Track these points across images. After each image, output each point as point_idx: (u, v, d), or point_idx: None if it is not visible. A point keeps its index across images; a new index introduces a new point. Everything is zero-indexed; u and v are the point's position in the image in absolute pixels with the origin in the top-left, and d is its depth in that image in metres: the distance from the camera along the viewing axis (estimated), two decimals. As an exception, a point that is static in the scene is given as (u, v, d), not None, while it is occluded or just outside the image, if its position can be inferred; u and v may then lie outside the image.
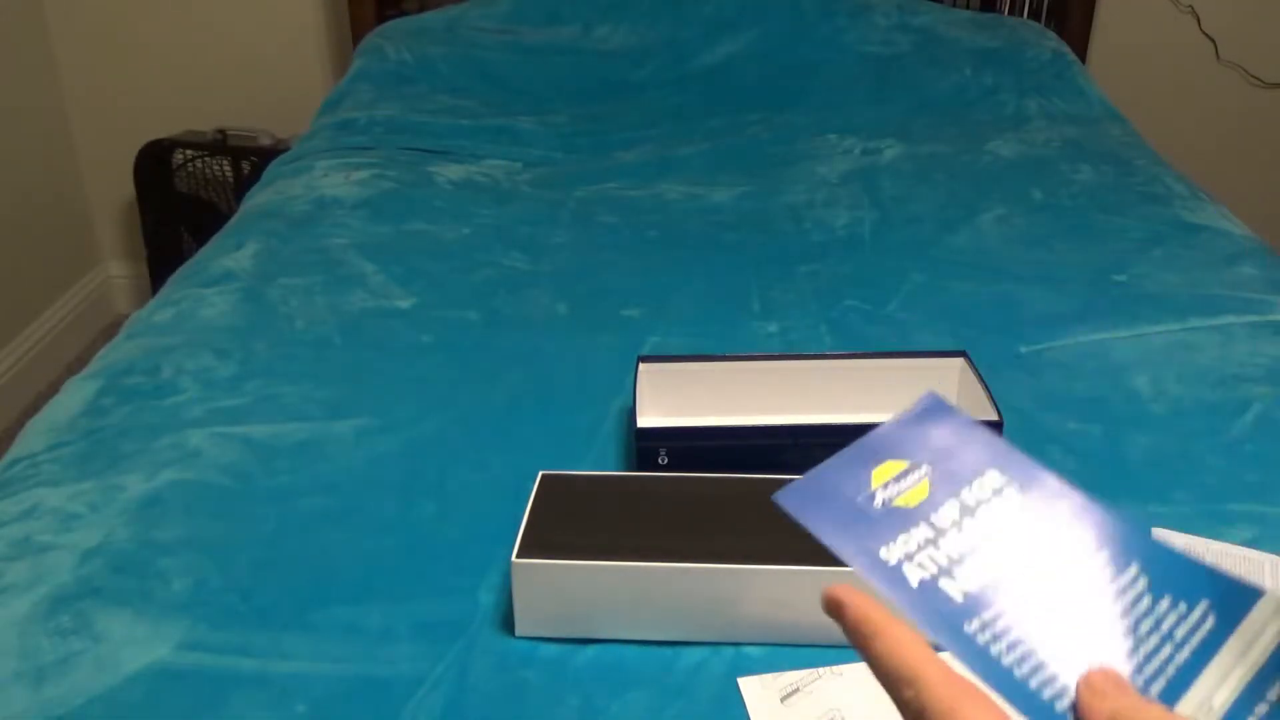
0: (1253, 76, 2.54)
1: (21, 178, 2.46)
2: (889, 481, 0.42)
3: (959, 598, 0.39)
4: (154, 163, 2.45)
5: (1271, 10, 2.49)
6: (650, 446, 0.97)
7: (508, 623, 0.83)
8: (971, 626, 0.38)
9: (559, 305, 1.34)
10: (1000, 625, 0.38)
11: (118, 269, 2.78)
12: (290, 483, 1.00)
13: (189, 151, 2.43)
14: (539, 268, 1.44)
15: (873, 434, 0.44)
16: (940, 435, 0.44)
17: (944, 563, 0.39)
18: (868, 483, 0.42)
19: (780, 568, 0.80)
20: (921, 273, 1.41)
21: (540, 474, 0.90)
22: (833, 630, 0.81)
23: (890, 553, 0.40)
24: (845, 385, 1.07)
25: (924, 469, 0.42)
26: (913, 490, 0.42)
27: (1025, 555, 0.40)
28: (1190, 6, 2.48)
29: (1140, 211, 1.60)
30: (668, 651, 0.81)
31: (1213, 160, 2.53)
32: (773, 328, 1.28)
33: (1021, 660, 0.37)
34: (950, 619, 0.38)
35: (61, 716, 0.75)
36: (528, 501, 0.86)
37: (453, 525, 0.94)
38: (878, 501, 0.41)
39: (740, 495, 0.88)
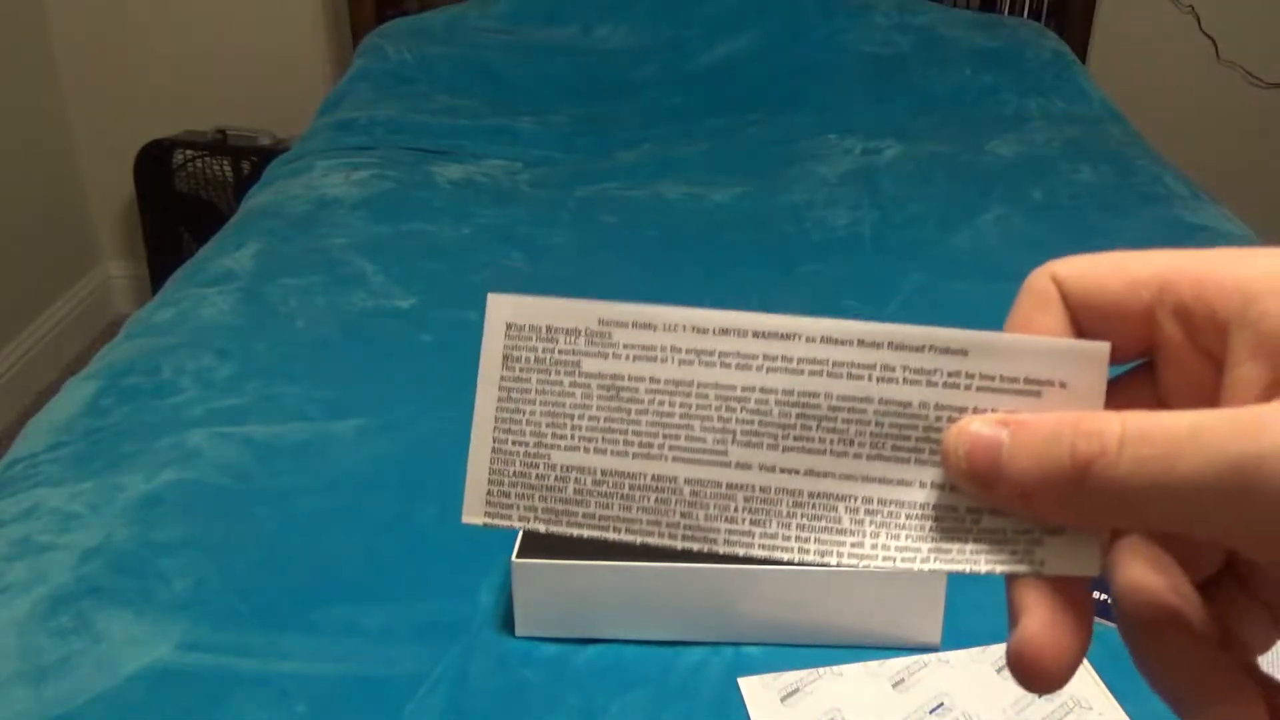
0: (1253, 76, 2.54)
1: (21, 178, 2.46)
2: None
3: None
4: (154, 163, 2.45)
5: (1271, 10, 2.49)
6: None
7: (508, 623, 0.83)
8: None
9: (559, 305, 1.33)
10: None
11: (118, 269, 2.78)
12: (290, 483, 1.00)
13: (189, 151, 2.43)
14: (539, 268, 1.44)
15: None
16: None
17: None
18: None
19: (780, 568, 0.80)
20: (921, 273, 1.41)
21: (540, 474, 0.90)
22: (833, 630, 0.82)
23: None
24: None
25: None
26: None
27: None
28: (1190, 6, 2.48)
29: (1140, 211, 1.60)
30: (668, 651, 0.81)
31: (1213, 160, 2.53)
32: (773, 328, 1.28)
33: None
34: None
35: (61, 716, 0.75)
36: (528, 501, 0.86)
37: (453, 525, 0.94)
38: None
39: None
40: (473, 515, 0.31)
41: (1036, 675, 0.26)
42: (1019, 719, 0.75)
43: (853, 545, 0.29)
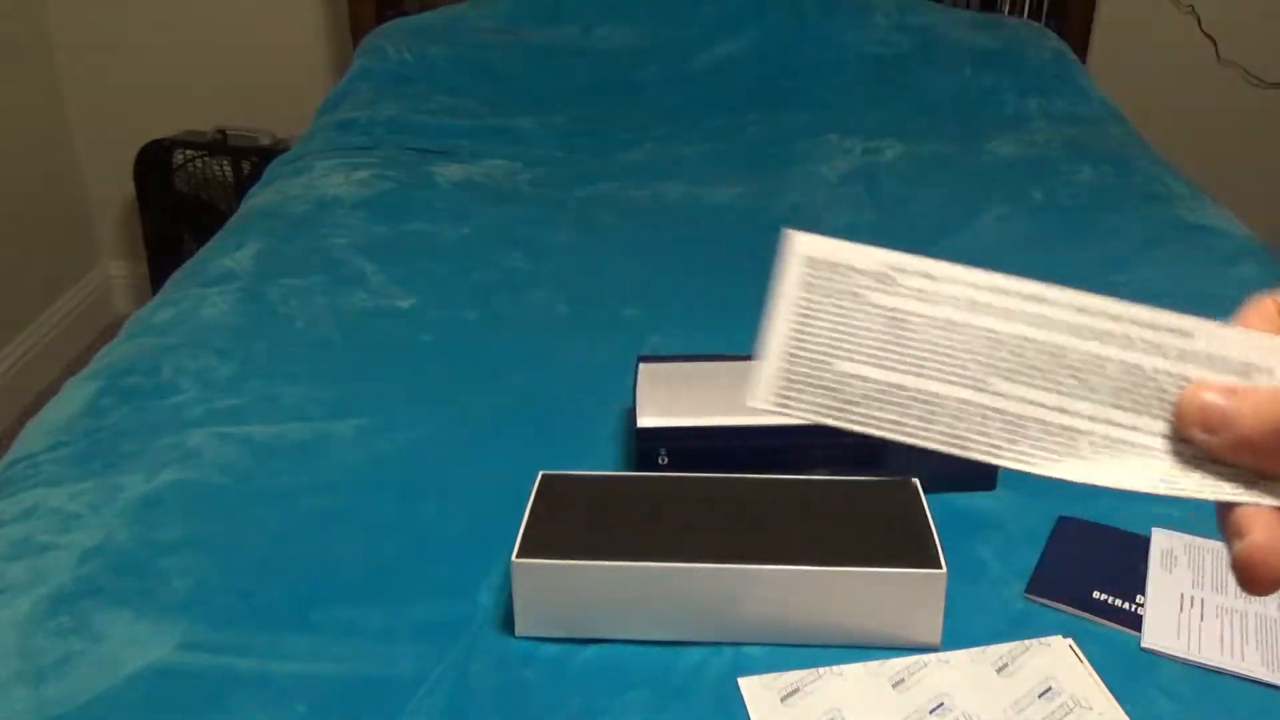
0: (1253, 76, 2.54)
1: (21, 178, 2.46)
2: None
3: None
4: (154, 163, 2.45)
5: (1271, 10, 2.49)
6: (650, 446, 0.97)
7: (508, 623, 0.83)
8: None
9: (559, 305, 1.34)
10: None
11: (118, 269, 2.78)
12: (290, 483, 1.00)
13: (189, 151, 2.43)
14: (539, 268, 1.44)
15: None
16: None
17: None
18: None
19: (780, 568, 0.80)
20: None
21: (540, 474, 0.90)
22: (833, 630, 0.82)
23: None
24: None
25: None
26: None
27: None
28: (1190, 6, 2.48)
29: (1140, 211, 1.60)
30: (668, 651, 0.81)
31: (1213, 160, 2.53)
32: (773, 328, 1.28)
33: None
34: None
35: (61, 716, 0.75)
36: (528, 501, 0.86)
37: (453, 525, 0.94)
38: None
39: (740, 495, 0.88)
40: (762, 399, 0.37)
41: (1260, 580, 0.33)
42: (1019, 719, 0.75)
43: (1093, 468, 0.36)
